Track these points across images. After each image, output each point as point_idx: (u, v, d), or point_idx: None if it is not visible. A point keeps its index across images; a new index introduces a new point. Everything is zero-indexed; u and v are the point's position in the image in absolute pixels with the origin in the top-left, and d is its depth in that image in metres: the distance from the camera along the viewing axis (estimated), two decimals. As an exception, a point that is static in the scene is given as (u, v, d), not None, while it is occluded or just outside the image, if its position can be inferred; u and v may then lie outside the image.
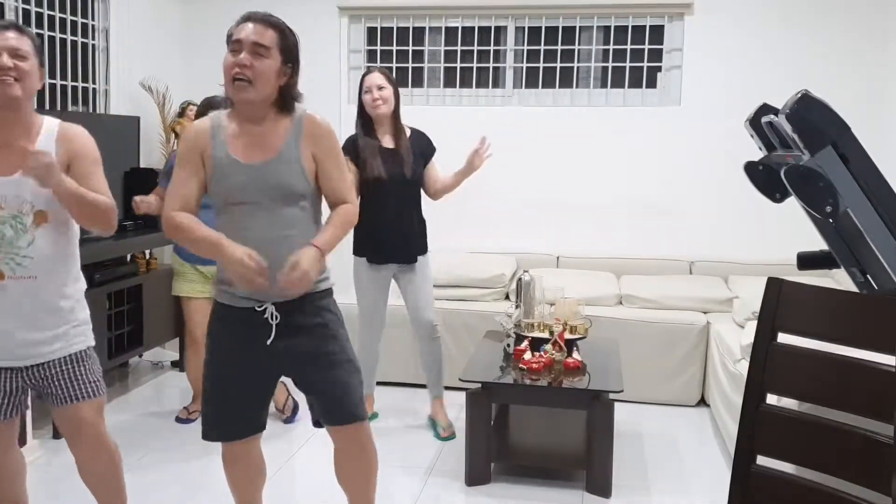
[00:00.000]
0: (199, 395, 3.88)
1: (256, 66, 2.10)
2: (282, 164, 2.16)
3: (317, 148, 2.20)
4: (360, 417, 2.28)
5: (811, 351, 1.71)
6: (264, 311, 2.19)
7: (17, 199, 2.19)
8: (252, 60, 2.09)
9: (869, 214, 2.20)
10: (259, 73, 2.10)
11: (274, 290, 2.13)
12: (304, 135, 2.18)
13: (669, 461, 3.47)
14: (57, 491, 3.04)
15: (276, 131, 2.18)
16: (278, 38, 2.13)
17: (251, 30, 2.12)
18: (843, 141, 2.19)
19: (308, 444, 3.56)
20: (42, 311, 2.24)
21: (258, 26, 2.12)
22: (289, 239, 2.16)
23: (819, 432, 1.67)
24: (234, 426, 2.30)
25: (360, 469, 2.36)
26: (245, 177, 2.15)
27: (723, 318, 4.16)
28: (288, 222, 2.17)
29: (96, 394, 2.34)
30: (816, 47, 4.69)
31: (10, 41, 2.16)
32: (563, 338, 3.42)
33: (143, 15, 4.91)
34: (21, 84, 2.16)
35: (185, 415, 3.84)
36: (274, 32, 2.13)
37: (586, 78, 5.06)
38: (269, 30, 2.13)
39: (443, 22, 5.15)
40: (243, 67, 2.09)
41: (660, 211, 4.93)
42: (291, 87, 2.20)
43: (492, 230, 5.01)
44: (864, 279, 2.59)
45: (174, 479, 3.20)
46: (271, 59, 2.12)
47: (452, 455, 3.47)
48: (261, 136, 2.17)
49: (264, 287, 2.09)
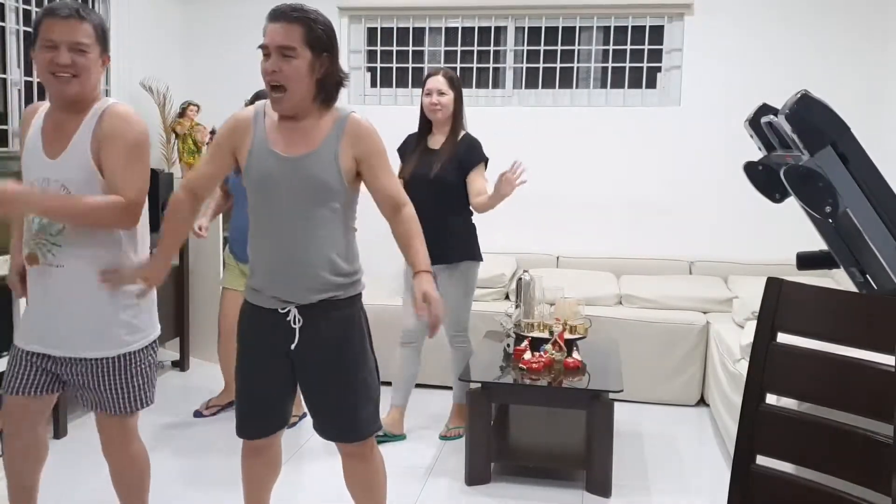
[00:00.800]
0: (227, 387, 3.90)
1: (286, 69, 2.03)
2: (318, 159, 2.10)
3: (357, 149, 2.13)
4: (363, 437, 2.25)
5: (811, 351, 1.71)
6: (287, 314, 2.17)
7: (56, 183, 2.13)
8: (281, 64, 2.03)
9: (868, 214, 2.21)
10: (289, 77, 2.04)
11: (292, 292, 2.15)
12: (345, 135, 2.12)
13: (669, 461, 3.47)
14: (58, 491, 3.04)
15: (317, 128, 2.13)
16: (304, 33, 2.03)
17: (275, 32, 2.04)
18: (842, 141, 2.19)
19: (310, 444, 3.56)
20: (75, 302, 2.17)
21: (282, 26, 2.03)
22: (315, 238, 2.12)
23: (819, 432, 1.68)
24: (261, 422, 2.29)
25: (364, 481, 2.36)
26: (279, 168, 2.10)
27: (722, 318, 4.16)
28: (317, 222, 2.12)
29: (124, 409, 2.26)
30: (816, 47, 4.69)
31: (70, 34, 2.08)
32: (563, 338, 3.42)
33: (143, 15, 4.91)
34: (79, 80, 2.12)
35: (203, 407, 3.89)
36: (299, 27, 2.03)
37: (586, 78, 5.07)
38: (294, 26, 2.03)
39: (443, 22, 5.15)
40: (273, 74, 2.04)
41: (660, 211, 4.93)
42: (329, 79, 2.11)
43: (492, 230, 5.01)
44: (864, 279, 2.59)
45: (174, 478, 3.20)
46: (299, 58, 2.04)
47: (452, 455, 3.47)
48: (301, 131, 2.12)
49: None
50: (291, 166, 2.10)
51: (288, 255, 2.12)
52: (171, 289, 4.50)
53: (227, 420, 3.85)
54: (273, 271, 2.16)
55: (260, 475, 2.41)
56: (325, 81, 2.11)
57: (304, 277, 2.13)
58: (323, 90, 2.12)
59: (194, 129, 4.79)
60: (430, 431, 3.75)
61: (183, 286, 4.57)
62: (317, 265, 2.13)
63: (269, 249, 2.15)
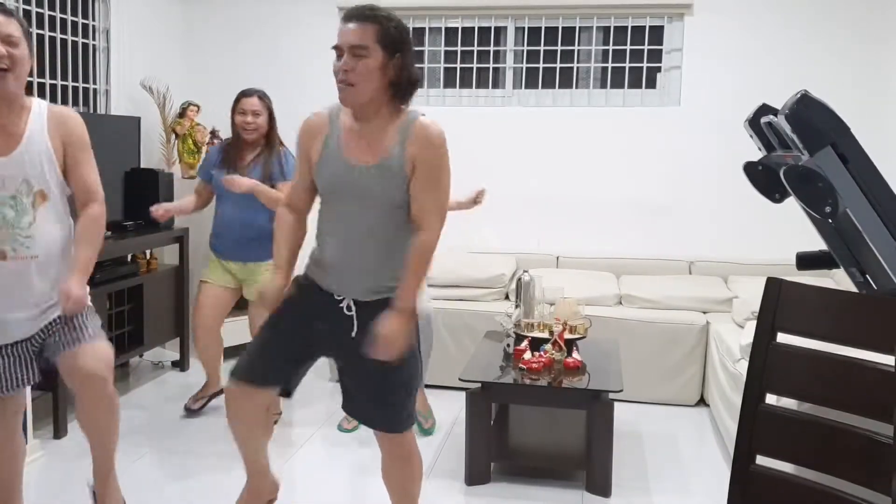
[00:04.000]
0: (212, 379, 3.89)
1: (358, 68, 2.06)
2: (383, 171, 2.13)
3: (419, 156, 2.12)
4: (403, 430, 2.31)
5: (811, 351, 1.71)
6: (341, 301, 2.23)
7: (13, 179, 2.20)
8: (352, 63, 2.06)
9: (868, 214, 2.21)
10: (360, 76, 2.06)
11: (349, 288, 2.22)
12: (409, 140, 2.12)
13: (669, 461, 3.47)
14: (57, 491, 3.04)
15: (384, 133, 2.14)
16: (377, 33, 2.07)
17: (348, 31, 2.07)
18: (842, 141, 2.19)
19: (308, 444, 3.56)
20: (49, 288, 2.28)
21: (354, 25, 2.07)
22: (377, 247, 2.18)
23: (818, 432, 1.68)
24: (261, 369, 2.27)
25: (399, 475, 2.40)
26: (347, 175, 2.15)
27: (722, 318, 4.17)
28: (382, 228, 2.17)
29: (100, 337, 2.32)
30: (816, 47, 4.70)
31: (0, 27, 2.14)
32: (563, 338, 3.42)
33: (144, 15, 4.92)
34: (13, 73, 2.16)
35: (192, 403, 3.87)
36: (372, 27, 2.06)
37: (586, 78, 5.07)
38: (367, 26, 2.06)
39: (443, 22, 5.15)
40: (345, 72, 2.07)
41: (660, 211, 4.94)
42: (402, 78, 2.12)
43: (492, 230, 5.02)
44: (864, 279, 2.59)
45: (174, 478, 3.20)
46: (371, 57, 2.06)
47: (452, 455, 3.47)
48: (370, 136, 2.15)
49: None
50: (357, 175, 2.14)
51: (350, 259, 2.19)
52: (170, 289, 4.51)
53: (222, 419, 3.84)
54: (335, 268, 2.22)
55: (244, 425, 2.36)
56: (397, 82, 2.12)
57: (365, 281, 2.20)
58: (396, 91, 2.13)
59: (194, 129, 4.79)
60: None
61: (183, 286, 4.57)
62: (377, 272, 2.20)
63: (334, 248, 2.21)
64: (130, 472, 3.24)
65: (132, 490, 3.07)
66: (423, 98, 5.19)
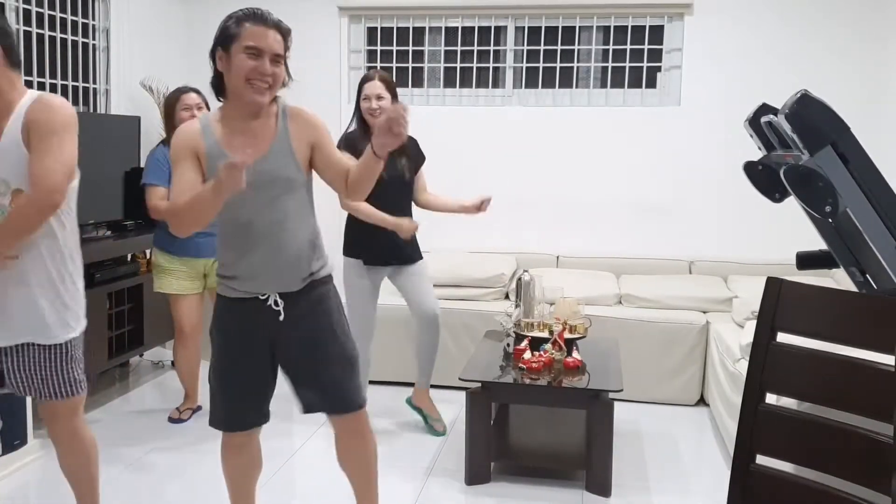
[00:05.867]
0: (190, 393, 3.89)
1: (277, 73, 2.17)
2: (275, 155, 2.20)
3: (309, 135, 2.25)
4: (358, 405, 2.35)
5: (811, 351, 1.71)
6: (267, 300, 2.25)
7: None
8: (272, 69, 2.16)
9: (868, 214, 2.21)
10: (277, 80, 2.18)
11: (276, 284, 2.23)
12: (291, 126, 2.24)
13: (669, 461, 3.47)
14: (57, 491, 3.04)
15: (267, 126, 2.23)
16: (286, 44, 2.21)
17: (272, 39, 2.15)
18: (842, 141, 2.19)
19: (310, 442, 3.56)
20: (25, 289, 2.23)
21: (276, 34, 2.16)
22: (284, 226, 2.22)
23: (818, 432, 1.68)
24: (237, 416, 2.35)
25: (360, 455, 2.42)
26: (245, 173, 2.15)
27: (722, 318, 4.17)
28: (283, 211, 2.22)
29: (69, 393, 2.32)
30: (816, 47, 4.70)
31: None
32: (563, 337, 3.42)
33: (144, 15, 4.92)
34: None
35: (177, 415, 3.84)
36: (284, 39, 2.19)
37: (586, 78, 5.07)
38: (283, 37, 2.19)
39: (443, 22, 5.15)
40: (265, 76, 2.14)
41: (660, 211, 4.94)
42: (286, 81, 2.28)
43: (492, 230, 5.02)
44: (864, 279, 2.59)
45: (174, 478, 3.21)
46: (283, 64, 2.20)
47: (452, 455, 3.47)
48: (251, 132, 2.22)
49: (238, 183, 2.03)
50: (256, 168, 2.16)
51: (269, 253, 2.21)
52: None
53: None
54: (255, 271, 2.22)
55: (239, 472, 2.45)
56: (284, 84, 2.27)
57: (289, 269, 2.24)
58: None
59: (194, 129, 4.78)
60: (420, 429, 3.75)
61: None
62: (298, 255, 2.24)
63: (247, 252, 2.22)
64: (130, 471, 3.24)
65: (132, 490, 3.08)
66: (423, 98, 5.19)
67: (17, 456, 3.22)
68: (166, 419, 3.84)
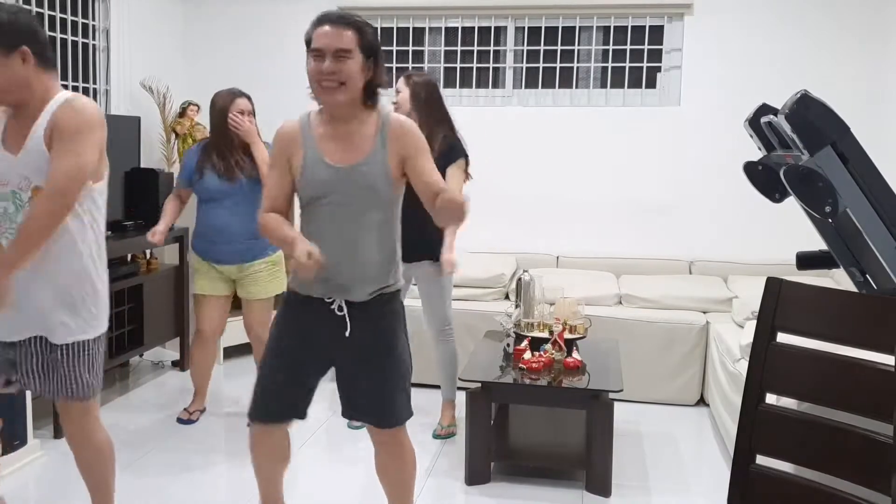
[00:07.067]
0: (200, 394, 3.89)
1: (343, 69, 2.12)
2: (368, 166, 2.19)
3: (402, 148, 2.21)
4: (397, 422, 2.34)
5: (811, 351, 1.71)
6: (332, 303, 2.26)
7: (18, 175, 2.22)
8: (336, 66, 2.12)
9: (868, 214, 2.21)
10: (346, 77, 2.13)
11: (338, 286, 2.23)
12: (390, 139, 2.20)
13: (669, 461, 3.47)
14: (57, 491, 3.04)
15: (363, 132, 2.21)
16: (357, 38, 2.14)
17: (331, 36, 2.12)
18: (842, 141, 2.19)
19: (308, 444, 3.56)
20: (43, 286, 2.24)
21: (336, 30, 2.12)
22: (369, 243, 2.22)
23: (818, 432, 1.68)
24: (276, 407, 2.33)
25: (397, 470, 2.43)
26: (331, 178, 2.19)
27: (722, 318, 4.16)
28: (366, 223, 2.21)
29: (77, 394, 2.32)
30: (816, 47, 4.70)
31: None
32: (563, 337, 3.42)
33: (144, 15, 4.92)
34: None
35: (187, 416, 3.83)
36: (352, 32, 2.13)
37: (586, 78, 5.07)
38: (348, 31, 2.13)
39: (443, 22, 5.15)
40: (330, 75, 2.12)
41: (660, 211, 4.94)
42: (374, 81, 2.21)
43: (492, 230, 5.02)
44: (864, 279, 2.59)
45: (175, 478, 3.21)
46: (353, 59, 2.13)
47: (452, 455, 3.47)
48: (348, 137, 2.21)
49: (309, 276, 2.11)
50: (343, 175, 2.18)
51: (344, 262, 2.21)
52: (170, 289, 4.51)
53: (222, 418, 3.85)
54: (327, 276, 2.22)
55: (267, 463, 2.45)
56: (369, 85, 2.20)
57: (360, 282, 2.23)
58: (366, 93, 2.21)
59: (194, 129, 4.79)
60: (428, 430, 3.75)
61: (183, 286, 4.57)
62: (372, 269, 2.24)
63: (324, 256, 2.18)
64: (129, 472, 3.24)
65: (134, 490, 3.08)
66: (423, 98, 5.19)
67: (17, 456, 3.21)
68: (167, 420, 3.83)
